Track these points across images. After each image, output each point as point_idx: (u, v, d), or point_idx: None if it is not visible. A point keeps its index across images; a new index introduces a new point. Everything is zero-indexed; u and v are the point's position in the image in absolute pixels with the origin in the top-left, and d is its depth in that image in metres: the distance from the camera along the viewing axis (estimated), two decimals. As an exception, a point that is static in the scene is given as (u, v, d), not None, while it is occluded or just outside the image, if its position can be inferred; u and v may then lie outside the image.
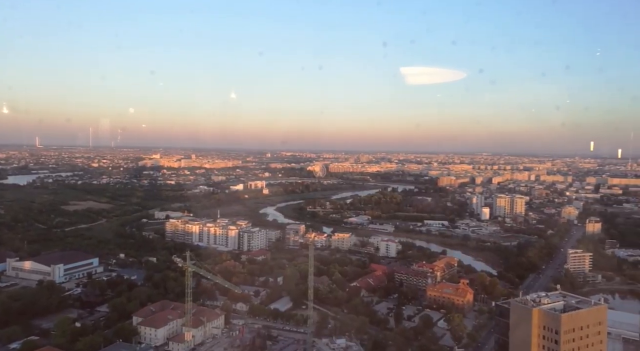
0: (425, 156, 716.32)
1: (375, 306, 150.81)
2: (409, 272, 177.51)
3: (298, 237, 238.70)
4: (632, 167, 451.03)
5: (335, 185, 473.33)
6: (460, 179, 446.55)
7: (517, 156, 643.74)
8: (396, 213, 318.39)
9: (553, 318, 68.50)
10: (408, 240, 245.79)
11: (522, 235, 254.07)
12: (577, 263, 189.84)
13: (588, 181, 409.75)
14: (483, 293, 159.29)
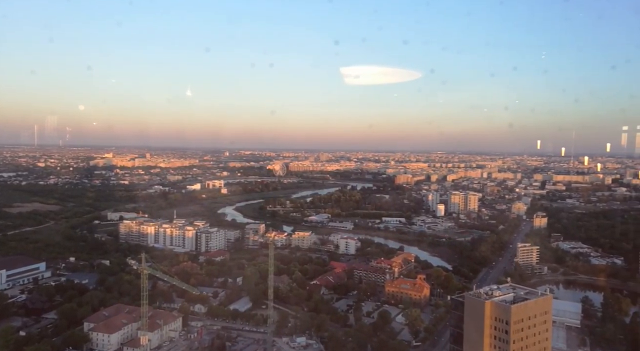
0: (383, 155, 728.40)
1: (335, 304, 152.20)
2: (368, 269, 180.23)
3: (258, 237, 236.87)
4: (574, 165, 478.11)
5: (296, 184, 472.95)
6: (416, 177, 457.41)
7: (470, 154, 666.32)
8: (355, 211, 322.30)
9: (504, 310, 71.54)
10: (367, 237, 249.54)
11: (475, 231, 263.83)
12: (526, 256, 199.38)
13: (535, 178, 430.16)
14: (439, 287, 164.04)
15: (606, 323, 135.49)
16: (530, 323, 72.89)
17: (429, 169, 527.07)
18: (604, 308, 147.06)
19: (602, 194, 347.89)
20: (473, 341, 74.59)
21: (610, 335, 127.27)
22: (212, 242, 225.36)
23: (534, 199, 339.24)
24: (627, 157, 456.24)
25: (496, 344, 72.07)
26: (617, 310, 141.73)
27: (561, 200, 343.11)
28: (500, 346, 71.49)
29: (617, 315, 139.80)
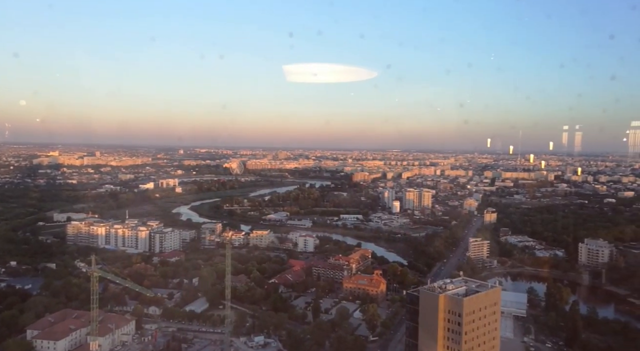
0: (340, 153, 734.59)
1: (294, 302, 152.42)
2: (326, 266, 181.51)
3: (214, 236, 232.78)
4: (521, 162, 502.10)
5: (253, 182, 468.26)
6: (373, 175, 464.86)
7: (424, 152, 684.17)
8: (314, 209, 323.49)
9: (456, 303, 74.30)
10: (325, 235, 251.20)
11: (429, 226, 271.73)
12: (477, 250, 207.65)
13: (485, 175, 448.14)
14: (395, 282, 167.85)
15: (549, 311, 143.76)
16: (481, 315, 76.15)
17: (385, 167, 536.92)
18: (547, 297, 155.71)
19: (546, 190, 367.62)
20: (428, 334, 76.98)
21: (552, 322, 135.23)
22: (166, 243, 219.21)
23: (485, 195, 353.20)
24: (567, 155, 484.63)
25: (449, 336, 74.78)
26: (559, 299, 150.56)
27: (509, 196, 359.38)
28: (453, 338, 74.24)
29: (559, 303, 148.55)
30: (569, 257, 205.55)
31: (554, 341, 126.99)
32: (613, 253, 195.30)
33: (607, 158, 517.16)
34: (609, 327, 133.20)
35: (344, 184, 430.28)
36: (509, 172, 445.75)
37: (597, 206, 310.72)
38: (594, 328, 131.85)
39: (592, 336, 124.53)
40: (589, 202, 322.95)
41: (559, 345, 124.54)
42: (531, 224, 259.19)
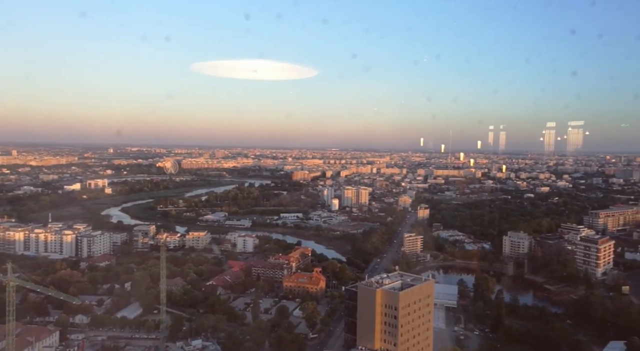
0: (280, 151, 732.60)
1: (233, 303, 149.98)
2: (265, 265, 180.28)
3: (148, 239, 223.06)
4: (451, 160, 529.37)
5: (189, 182, 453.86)
6: (312, 173, 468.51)
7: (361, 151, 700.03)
8: (253, 208, 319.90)
9: (392, 297, 76.89)
10: (265, 234, 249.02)
11: (367, 223, 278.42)
12: (411, 245, 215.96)
13: (419, 173, 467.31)
14: (334, 279, 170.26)
15: (477, 301, 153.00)
16: (416, 307, 79.38)
17: (325, 166, 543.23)
18: (475, 288, 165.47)
19: (474, 186, 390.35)
20: (365, 328, 78.98)
21: (480, 311, 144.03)
22: (95, 246, 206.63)
23: (418, 192, 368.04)
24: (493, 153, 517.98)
25: (386, 329, 77.23)
26: (486, 289, 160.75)
27: (441, 193, 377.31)
28: (390, 331, 76.77)
29: (486, 293, 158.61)
30: (495, 249, 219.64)
31: (481, 328, 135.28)
32: (532, 244, 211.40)
33: (527, 156, 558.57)
34: (529, 313, 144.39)
35: (284, 183, 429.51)
36: (440, 170, 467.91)
37: (518, 201, 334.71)
38: (516, 314, 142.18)
39: (514, 322, 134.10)
40: (512, 197, 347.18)
41: (485, 332, 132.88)
42: (461, 219, 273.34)
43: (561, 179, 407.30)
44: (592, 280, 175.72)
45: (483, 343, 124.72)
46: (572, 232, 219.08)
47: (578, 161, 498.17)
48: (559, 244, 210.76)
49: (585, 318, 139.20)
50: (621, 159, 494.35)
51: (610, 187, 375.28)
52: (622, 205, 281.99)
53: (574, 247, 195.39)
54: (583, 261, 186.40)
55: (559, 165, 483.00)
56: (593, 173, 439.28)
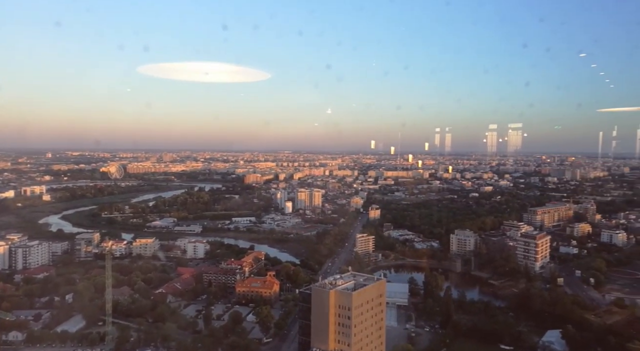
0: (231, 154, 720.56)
1: (184, 310, 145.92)
2: (217, 271, 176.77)
3: (92, 247, 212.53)
4: (400, 162, 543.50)
5: (136, 187, 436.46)
6: (265, 176, 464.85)
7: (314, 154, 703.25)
8: (204, 213, 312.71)
9: (346, 297, 77.66)
10: (217, 239, 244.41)
11: (320, 225, 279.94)
12: (364, 245, 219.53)
13: (370, 174, 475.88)
14: (288, 282, 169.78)
15: (427, 298, 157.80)
16: (368, 307, 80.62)
17: (277, 168, 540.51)
18: (425, 286, 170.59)
19: (422, 187, 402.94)
20: (319, 329, 79.24)
21: (429, 308, 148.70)
22: (32, 257, 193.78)
23: (369, 193, 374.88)
24: (439, 154, 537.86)
25: (340, 330, 77.87)
26: (435, 286, 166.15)
27: (391, 193, 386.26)
28: (344, 332, 77.48)
29: (435, 290, 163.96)
30: (443, 247, 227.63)
31: (431, 325, 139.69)
32: (477, 241, 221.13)
33: (471, 157, 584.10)
34: (475, 307, 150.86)
35: (235, 186, 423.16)
36: (390, 171, 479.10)
37: (464, 200, 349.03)
38: (464, 309, 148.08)
39: (462, 317, 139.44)
40: (458, 197, 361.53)
41: (435, 328, 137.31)
42: (410, 219, 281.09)
43: (503, 178, 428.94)
44: (532, 274, 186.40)
45: (433, 339, 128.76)
46: (513, 228, 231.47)
47: (517, 161, 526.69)
48: (501, 241, 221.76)
49: (526, 310, 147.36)
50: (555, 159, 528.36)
51: (546, 185, 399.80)
52: (556, 202, 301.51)
53: (515, 243, 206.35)
54: (523, 256, 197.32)
55: (500, 165, 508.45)
56: (531, 172, 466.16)
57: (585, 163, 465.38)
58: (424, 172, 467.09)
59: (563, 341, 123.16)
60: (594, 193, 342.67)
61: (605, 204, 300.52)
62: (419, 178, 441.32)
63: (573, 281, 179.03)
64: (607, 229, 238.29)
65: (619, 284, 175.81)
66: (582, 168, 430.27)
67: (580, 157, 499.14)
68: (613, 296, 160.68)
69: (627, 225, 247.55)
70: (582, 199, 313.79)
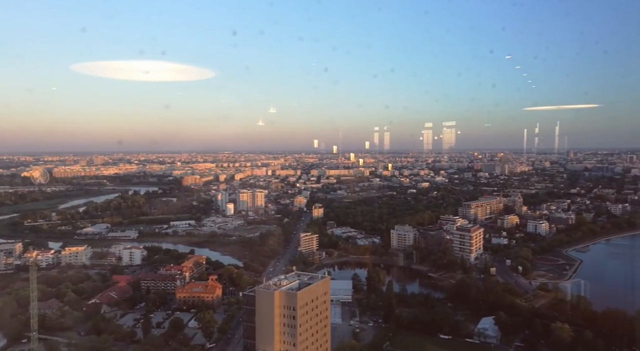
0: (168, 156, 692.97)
1: (120, 320, 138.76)
2: (156, 277, 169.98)
3: (13, 258, 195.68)
4: (342, 161, 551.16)
5: (64, 192, 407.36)
6: (204, 177, 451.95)
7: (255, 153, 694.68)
8: (140, 218, 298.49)
9: (290, 297, 77.19)
10: (154, 245, 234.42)
11: (263, 226, 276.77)
12: (308, 244, 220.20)
13: (312, 173, 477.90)
14: (231, 285, 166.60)
15: (370, 294, 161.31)
16: (313, 306, 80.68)
17: (217, 169, 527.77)
18: (368, 281, 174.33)
19: (363, 184, 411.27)
20: (264, 331, 78.19)
21: (373, 303, 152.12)
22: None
23: (312, 192, 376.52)
24: (378, 153, 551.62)
25: (285, 330, 77.29)
26: (377, 281, 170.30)
27: (333, 192, 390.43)
28: (289, 332, 76.97)
29: (377, 285, 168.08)
30: (384, 242, 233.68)
31: (374, 320, 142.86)
32: (416, 236, 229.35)
33: (408, 155, 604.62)
34: (416, 300, 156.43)
35: (173, 189, 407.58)
36: (332, 170, 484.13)
37: (402, 196, 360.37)
38: (405, 302, 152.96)
39: (403, 311, 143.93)
40: (397, 193, 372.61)
41: (378, 323, 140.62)
42: (352, 216, 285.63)
43: (438, 175, 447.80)
44: (467, 265, 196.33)
45: (377, 334, 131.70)
46: (449, 222, 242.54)
47: (452, 158, 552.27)
48: (439, 234, 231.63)
49: (463, 300, 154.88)
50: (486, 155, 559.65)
51: (478, 180, 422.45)
52: (488, 196, 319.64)
53: (452, 236, 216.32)
54: (459, 248, 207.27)
55: (436, 162, 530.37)
56: (464, 168, 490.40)
57: (513, 158, 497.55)
58: (364, 170, 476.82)
59: (496, 327, 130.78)
60: (521, 187, 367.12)
61: (530, 196, 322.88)
62: (360, 176, 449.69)
63: (504, 270, 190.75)
64: (532, 220, 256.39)
65: (544, 270, 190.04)
66: (510, 164, 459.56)
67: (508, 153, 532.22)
68: (538, 281, 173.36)
69: (549, 215, 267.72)
70: (511, 192, 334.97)
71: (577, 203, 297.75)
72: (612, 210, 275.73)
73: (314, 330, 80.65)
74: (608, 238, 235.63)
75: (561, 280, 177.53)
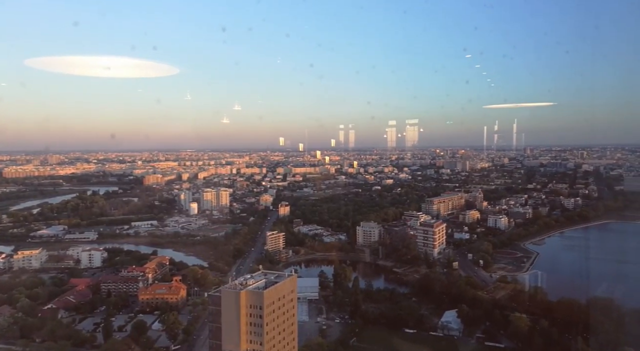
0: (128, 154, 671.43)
1: (79, 325, 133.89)
2: (117, 280, 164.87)
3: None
4: (308, 158, 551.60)
5: (15, 194, 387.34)
6: (167, 177, 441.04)
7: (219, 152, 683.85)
8: (99, 219, 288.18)
9: (257, 296, 76.61)
10: (116, 246, 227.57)
11: (229, 225, 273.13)
12: (274, 242, 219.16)
13: (278, 171, 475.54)
14: (196, 286, 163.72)
15: (337, 290, 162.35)
16: (280, 304, 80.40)
17: (180, 168, 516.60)
18: (334, 278, 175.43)
19: (329, 182, 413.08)
20: (231, 331, 77.29)
21: (339, 300, 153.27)
22: None
23: (278, 190, 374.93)
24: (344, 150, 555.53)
25: (252, 330, 76.70)
26: (344, 278, 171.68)
27: (299, 190, 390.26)
28: (256, 331, 76.43)
29: (344, 282, 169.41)
30: (350, 239, 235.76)
31: (341, 316, 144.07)
32: (381, 232, 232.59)
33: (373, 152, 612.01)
34: (381, 295, 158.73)
35: (134, 189, 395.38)
36: (298, 168, 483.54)
37: (368, 193, 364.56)
38: (371, 298, 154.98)
39: (369, 306, 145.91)
40: (362, 190, 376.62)
41: (345, 319, 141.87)
42: (319, 214, 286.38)
43: (402, 172, 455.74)
44: (431, 260, 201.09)
45: (343, 330, 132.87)
46: (413, 218, 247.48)
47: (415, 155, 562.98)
48: (403, 230, 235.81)
49: (427, 294, 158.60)
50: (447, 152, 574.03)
51: (440, 176, 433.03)
52: (450, 192, 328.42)
53: (416, 232, 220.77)
54: (423, 243, 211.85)
55: (399, 159, 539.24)
56: (427, 165, 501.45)
57: (473, 155, 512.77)
58: (330, 168, 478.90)
59: (459, 319, 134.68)
60: (481, 183, 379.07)
61: (490, 192, 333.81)
62: (326, 174, 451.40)
63: (466, 263, 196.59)
64: (492, 215, 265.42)
65: (503, 263, 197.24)
66: (471, 160, 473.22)
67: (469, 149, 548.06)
68: (498, 274, 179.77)
69: (508, 210, 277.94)
70: (471, 188, 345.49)
71: (533, 198, 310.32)
72: (565, 204, 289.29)
73: (281, 329, 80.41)
74: (562, 231, 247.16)
75: (519, 272, 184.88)
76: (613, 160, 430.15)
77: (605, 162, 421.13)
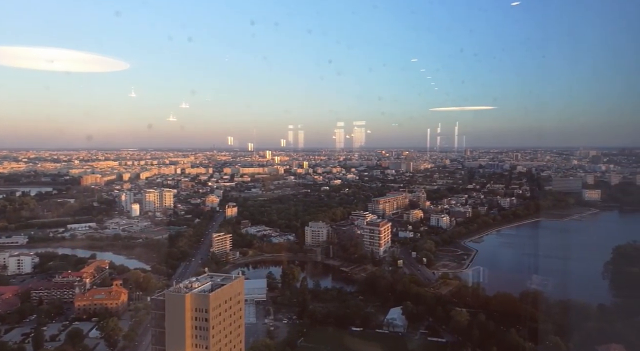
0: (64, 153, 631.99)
1: (5, 336, 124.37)
2: (50, 286, 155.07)
3: None
4: (256, 158, 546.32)
5: None
6: (106, 177, 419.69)
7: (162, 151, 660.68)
8: (30, 221, 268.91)
9: (202, 299, 74.92)
10: (49, 250, 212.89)
11: (172, 227, 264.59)
12: (220, 244, 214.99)
13: (225, 171, 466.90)
14: (138, 290, 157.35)
15: (285, 291, 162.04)
16: (227, 306, 79.12)
17: (120, 168, 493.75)
18: (282, 279, 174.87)
19: (278, 182, 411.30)
20: (175, 336, 75.09)
21: (287, 300, 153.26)
22: None
23: (225, 191, 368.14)
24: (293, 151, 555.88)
25: (197, 333, 74.95)
26: (292, 278, 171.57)
27: (247, 190, 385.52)
28: (201, 335, 74.76)
29: (292, 282, 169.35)
30: (299, 239, 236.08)
31: (289, 317, 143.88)
32: (329, 231, 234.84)
33: (322, 153, 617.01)
34: (329, 295, 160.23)
35: (70, 189, 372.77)
36: (246, 168, 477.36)
37: (316, 193, 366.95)
38: (319, 298, 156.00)
39: (317, 306, 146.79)
40: (311, 191, 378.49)
41: (293, 320, 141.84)
42: (267, 214, 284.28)
43: (349, 172, 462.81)
44: (377, 258, 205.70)
45: (291, 331, 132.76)
46: (360, 218, 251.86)
47: (362, 156, 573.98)
48: (350, 230, 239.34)
49: (373, 292, 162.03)
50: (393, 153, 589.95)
51: (386, 177, 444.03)
52: (395, 192, 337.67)
53: (362, 231, 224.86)
54: (369, 242, 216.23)
55: (347, 160, 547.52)
56: (373, 166, 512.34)
57: (417, 156, 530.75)
58: (279, 168, 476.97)
59: (403, 316, 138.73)
60: (424, 183, 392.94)
61: (433, 192, 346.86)
62: (275, 174, 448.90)
63: (410, 261, 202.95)
64: (435, 214, 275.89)
65: (445, 260, 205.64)
66: (415, 161, 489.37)
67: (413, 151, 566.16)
68: (441, 271, 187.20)
69: (450, 209, 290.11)
70: (415, 188, 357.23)
71: (473, 198, 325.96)
72: (501, 204, 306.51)
73: (227, 331, 79.13)
74: (498, 229, 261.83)
75: (460, 268, 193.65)
76: (543, 162, 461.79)
77: (536, 164, 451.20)
